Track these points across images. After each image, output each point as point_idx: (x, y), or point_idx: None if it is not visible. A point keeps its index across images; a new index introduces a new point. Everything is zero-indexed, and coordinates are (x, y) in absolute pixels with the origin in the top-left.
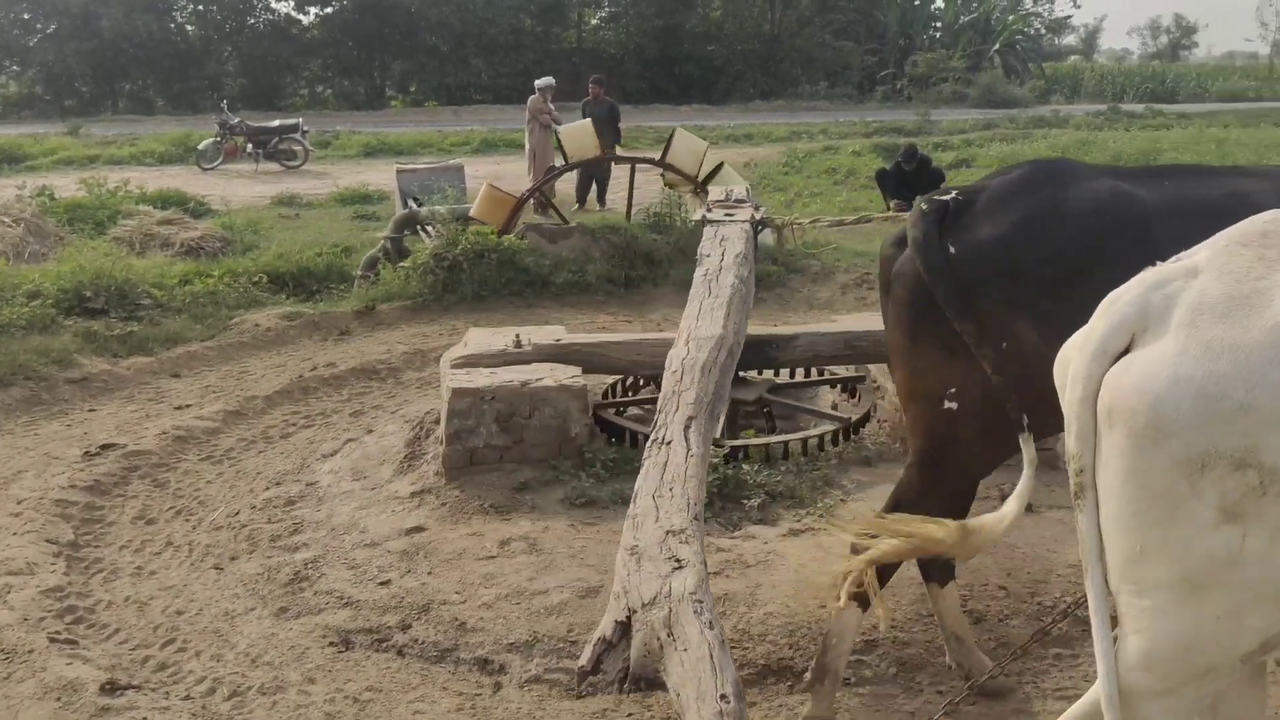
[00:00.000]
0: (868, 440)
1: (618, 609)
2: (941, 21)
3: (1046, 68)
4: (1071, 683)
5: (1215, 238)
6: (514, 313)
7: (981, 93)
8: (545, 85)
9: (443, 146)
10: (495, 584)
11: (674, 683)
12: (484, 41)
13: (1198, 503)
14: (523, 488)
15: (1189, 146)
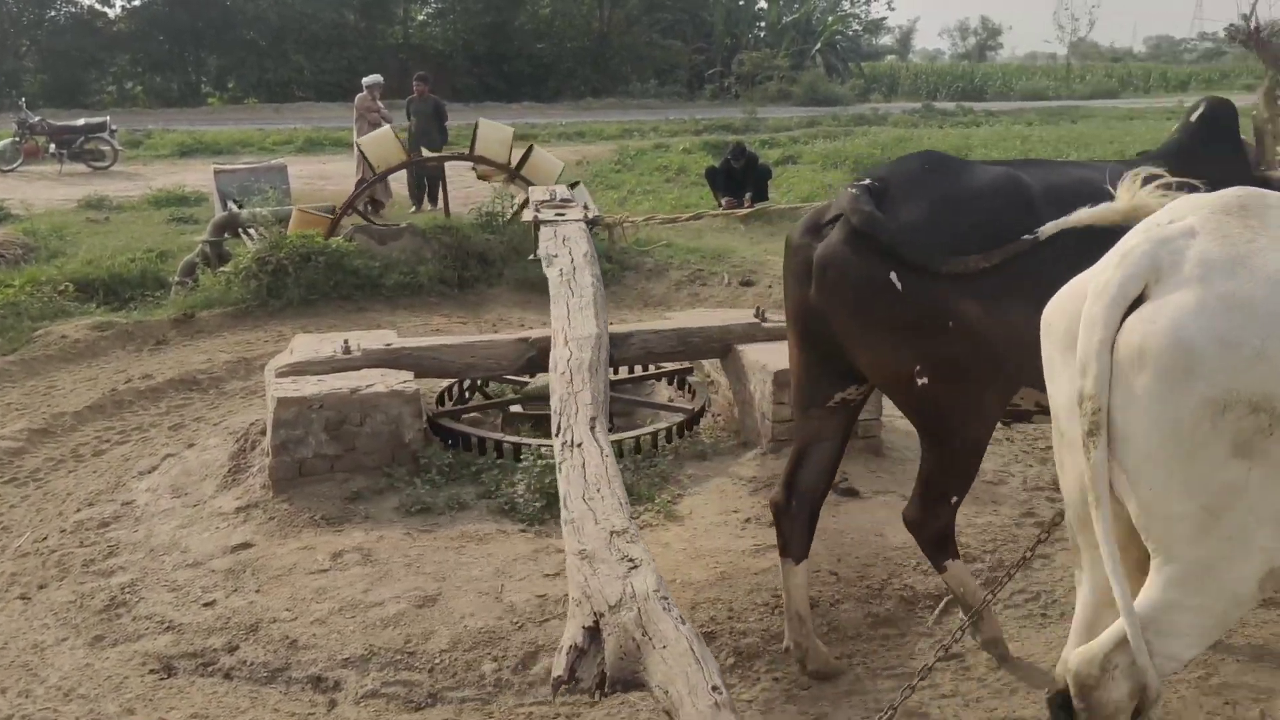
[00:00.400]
0: (703, 435)
1: (582, 615)
2: (765, 21)
3: (865, 67)
4: (899, 661)
5: (1191, 206)
6: (344, 317)
7: (805, 91)
8: (373, 83)
9: (264, 145)
10: (328, 598)
11: (659, 680)
12: (305, 37)
13: (1216, 440)
14: (355, 497)
15: (996, 143)
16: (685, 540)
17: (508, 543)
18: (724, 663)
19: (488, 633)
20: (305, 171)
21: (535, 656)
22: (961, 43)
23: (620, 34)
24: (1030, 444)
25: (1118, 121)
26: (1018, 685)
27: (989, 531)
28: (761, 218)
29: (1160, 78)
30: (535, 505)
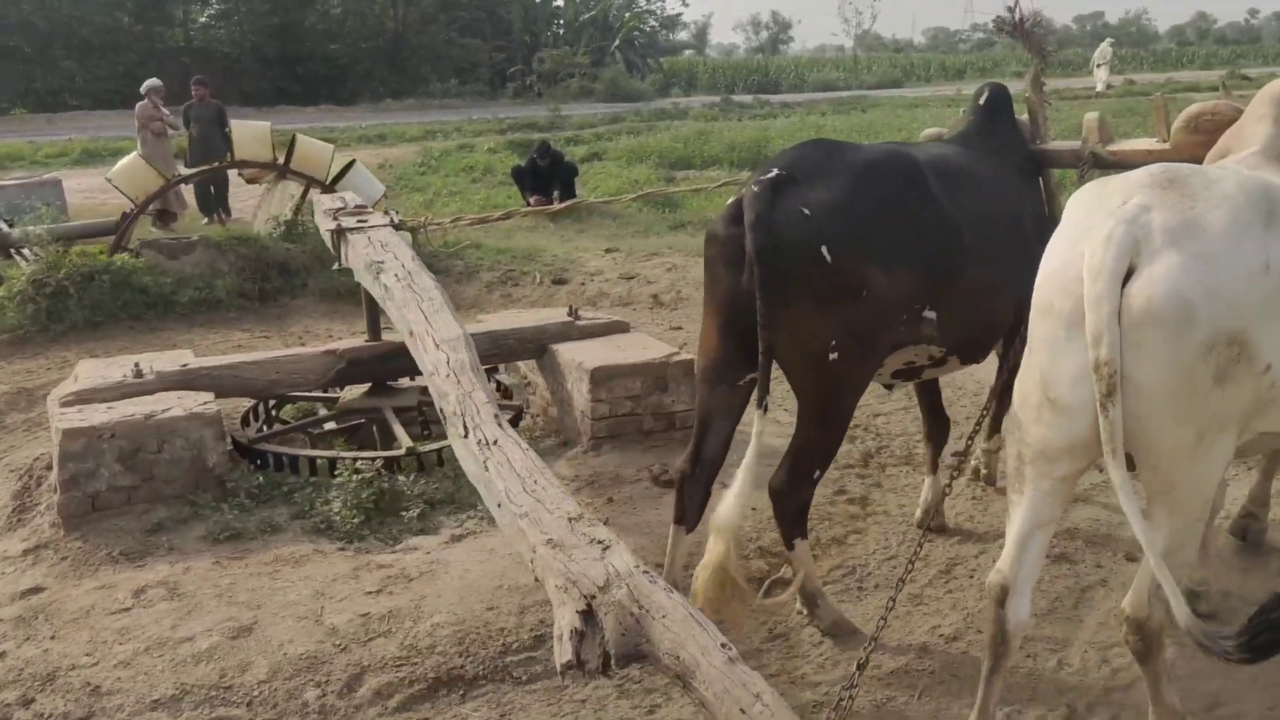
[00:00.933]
0: (522, 436)
1: (572, 600)
2: (563, 19)
3: (665, 62)
4: (794, 666)
5: (1131, 186)
6: (135, 338)
7: (607, 88)
8: (152, 88)
9: (36, 159)
10: (132, 638)
11: (668, 648)
12: (76, 42)
13: (1206, 373)
14: (157, 529)
15: (794, 134)
16: (509, 544)
17: (325, 563)
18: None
19: (309, 658)
20: (84, 185)
21: (360, 678)
22: (755, 37)
23: (416, 33)
24: None
25: (904, 110)
26: (839, 660)
27: None
28: (571, 215)
29: (939, 67)
30: (353, 522)
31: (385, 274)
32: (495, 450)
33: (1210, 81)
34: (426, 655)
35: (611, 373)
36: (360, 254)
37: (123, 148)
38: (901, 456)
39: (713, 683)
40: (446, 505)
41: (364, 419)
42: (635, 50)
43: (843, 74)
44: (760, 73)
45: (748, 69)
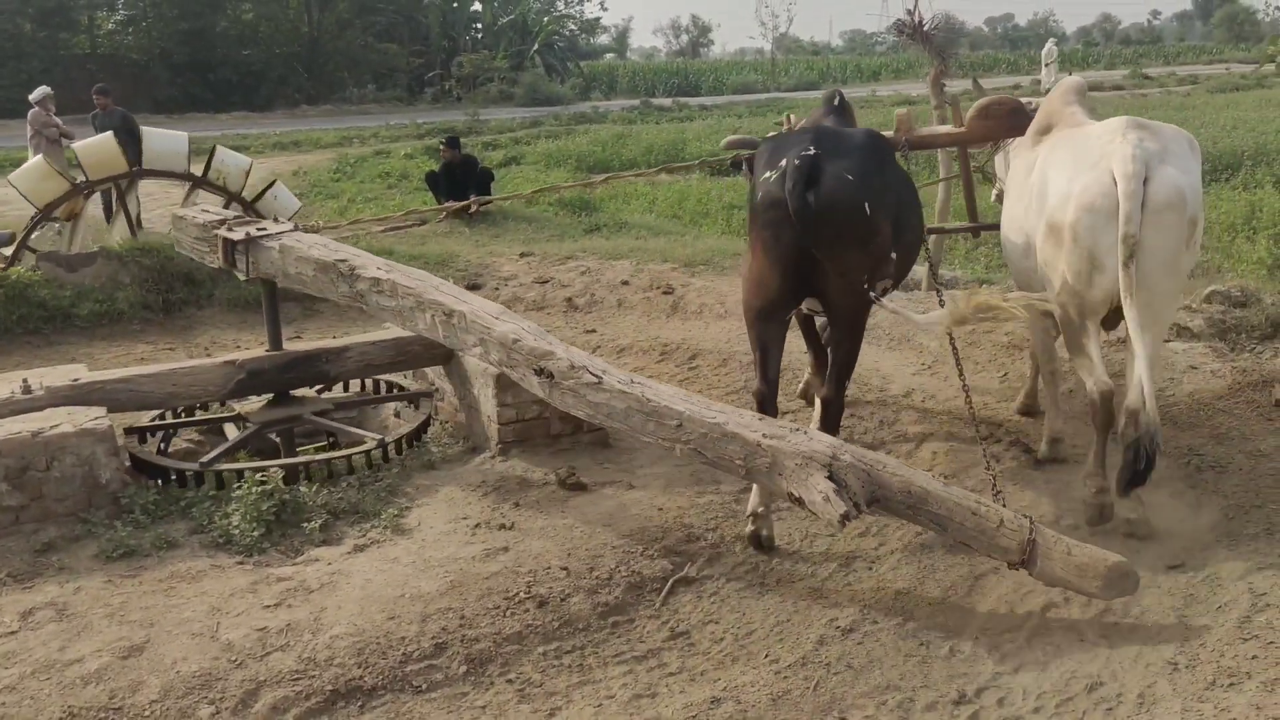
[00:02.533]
0: (431, 444)
1: (816, 469)
2: (481, 23)
3: (585, 66)
4: (629, 646)
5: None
6: (33, 353)
7: (526, 92)
8: (42, 96)
9: None
10: (17, 662)
11: (898, 487)
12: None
13: (1186, 242)
14: (47, 549)
15: (710, 136)
16: (414, 553)
17: (223, 578)
18: (455, 673)
19: (203, 675)
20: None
21: (256, 694)
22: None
23: (332, 38)
24: None
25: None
26: (738, 655)
27: (711, 510)
28: (485, 219)
29: (855, 69)
30: (253, 535)
31: (364, 270)
32: (644, 384)
33: (1114, 80)
34: (325, 668)
35: None
36: (304, 258)
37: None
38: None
39: (943, 501)
40: (350, 515)
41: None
42: (555, 54)
43: (761, 77)
44: (680, 76)
45: (668, 72)
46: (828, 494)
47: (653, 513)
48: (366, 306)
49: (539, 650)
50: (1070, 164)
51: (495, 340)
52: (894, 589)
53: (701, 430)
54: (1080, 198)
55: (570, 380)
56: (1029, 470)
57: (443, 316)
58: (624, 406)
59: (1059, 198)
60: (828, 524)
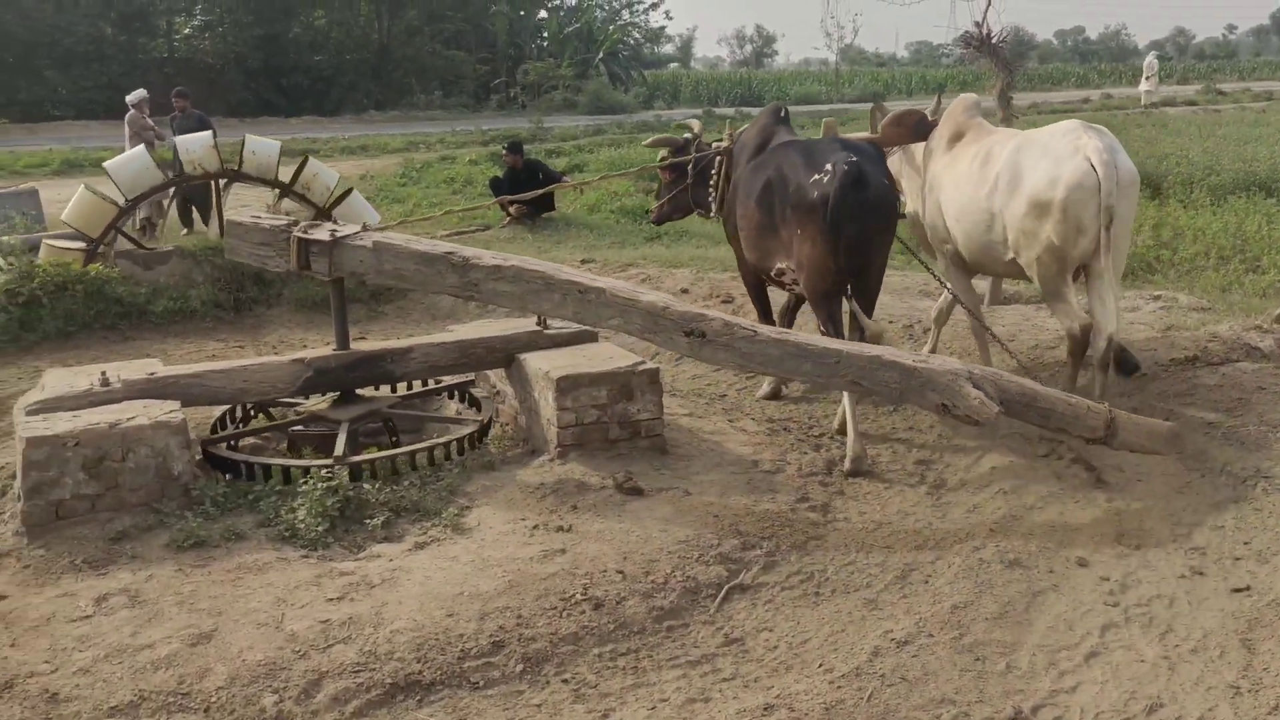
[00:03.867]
0: (491, 446)
1: (963, 380)
2: (547, 32)
3: (648, 75)
4: (683, 650)
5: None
6: (108, 348)
7: (590, 100)
8: (139, 99)
9: (16, 169)
10: (91, 646)
11: (1016, 390)
12: (59, 52)
13: (1134, 207)
14: (121, 537)
15: None
16: (473, 552)
17: (288, 570)
18: (511, 671)
19: (268, 664)
20: (63, 195)
21: (318, 684)
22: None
23: (401, 45)
24: (805, 433)
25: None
26: (792, 663)
27: (767, 518)
28: (548, 226)
29: (921, 81)
30: (317, 529)
31: (480, 259)
32: (795, 334)
33: (1186, 96)
34: (385, 661)
35: (577, 381)
36: (404, 253)
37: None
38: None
39: (1047, 397)
40: (411, 513)
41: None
42: (619, 63)
43: (825, 87)
44: (743, 86)
45: (731, 82)
46: (980, 398)
47: (708, 519)
48: (479, 295)
49: (594, 651)
50: (1046, 156)
51: (641, 310)
52: (950, 603)
53: (860, 364)
54: (1069, 180)
55: (724, 337)
56: None
57: (577, 294)
58: (779, 353)
59: (1046, 181)
60: (985, 420)
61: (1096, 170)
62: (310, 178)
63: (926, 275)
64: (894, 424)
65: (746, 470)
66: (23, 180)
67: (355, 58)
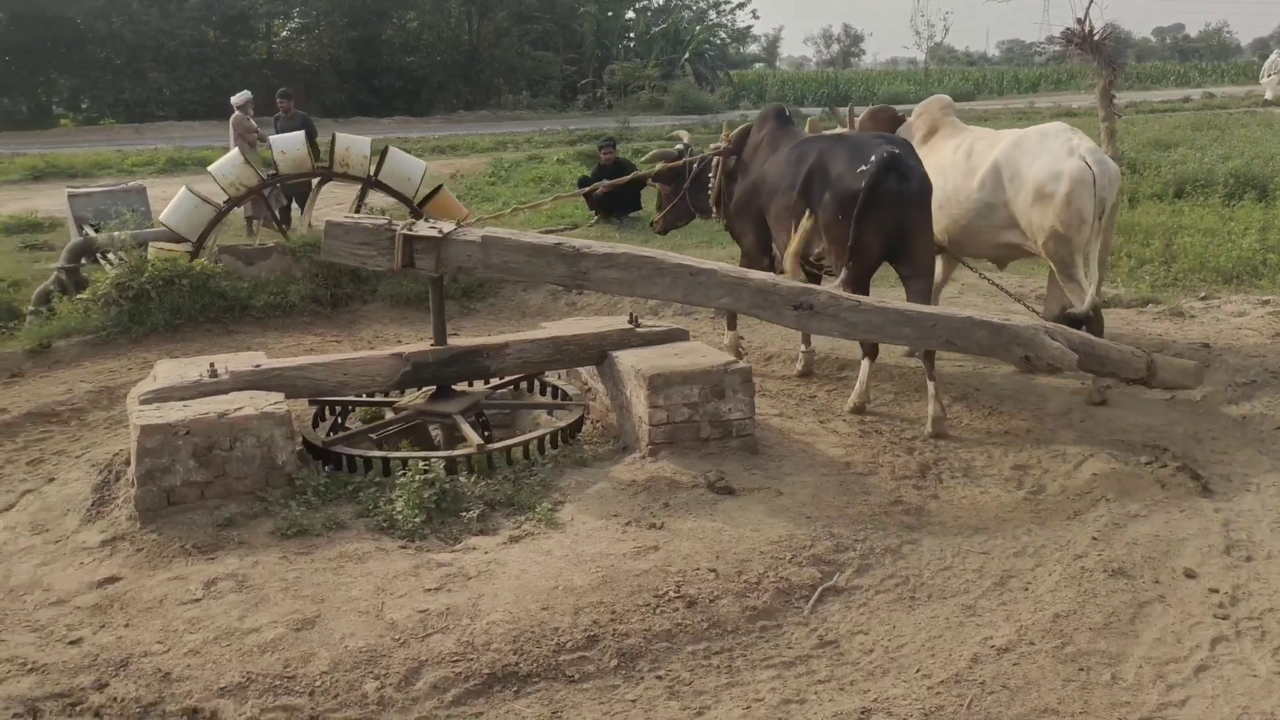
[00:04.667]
0: (583, 442)
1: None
2: (634, 32)
3: (734, 75)
4: (777, 651)
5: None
6: (212, 340)
7: (676, 99)
8: (244, 101)
9: (123, 167)
10: (201, 628)
11: (1079, 338)
12: (163, 54)
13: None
14: (228, 524)
15: None
16: (567, 546)
17: (387, 560)
18: (606, 666)
19: (369, 651)
20: (168, 193)
21: (418, 672)
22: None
23: (490, 46)
24: (898, 435)
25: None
26: (889, 667)
27: (860, 521)
28: (637, 224)
29: (1013, 80)
30: (415, 520)
31: (590, 248)
32: (893, 302)
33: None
34: (482, 651)
35: (669, 379)
36: (514, 246)
37: (206, 157)
38: (959, 469)
39: (1103, 346)
40: (506, 507)
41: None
42: (705, 63)
43: (913, 87)
44: (830, 85)
45: (817, 82)
46: (1060, 348)
47: (801, 520)
48: (588, 283)
49: (688, 649)
50: (1045, 154)
51: (752, 287)
52: (1052, 611)
53: (954, 324)
54: (1071, 175)
55: (831, 308)
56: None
57: (688, 276)
58: (882, 320)
59: (1048, 175)
60: (1066, 367)
61: (1091, 167)
62: (344, 151)
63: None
64: (989, 427)
65: (839, 472)
66: (130, 178)
67: (446, 59)
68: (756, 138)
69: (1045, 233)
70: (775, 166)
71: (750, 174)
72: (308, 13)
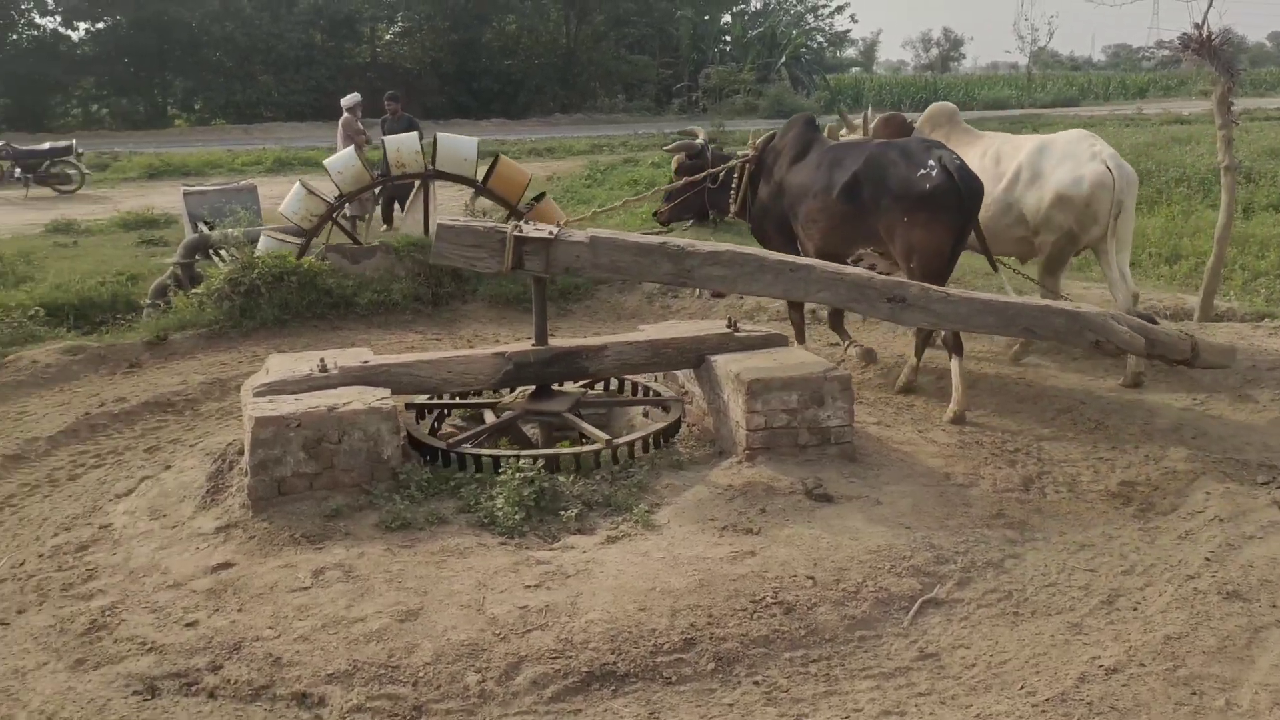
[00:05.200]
0: (679, 445)
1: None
2: (731, 36)
3: (830, 79)
4: (876, 661)
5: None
6: (318, 336)
7: (770, 104)
8: (354, 103)
9: (233, 166)
10: (310, 615)
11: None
12: (272, 57)
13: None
14: (335, 515)
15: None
16: (663, 549)
17: (488, 556)
18: (703, 669)
19: (470, 644)
20: (276, 192)
21: (518, 667)
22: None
23: (588, 50)
24: (1000, 446)
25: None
26: (991, 683)
27: (961, 533)
28: (733, 227)
29: (1119, 85)
30: (515, 518)
31: (695, 246)
32: (978, 293)
33: None
34: (580, 650)
35: (768, 385)
36: (622, 246)
37: (311, 157)
38: (1064, 483)
39: (1157, 331)
40: (603, 507)
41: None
42: (801, 67)
43: (1015, 92)
44: (928, 90)
45: (915, 86)
46: (1129, 332)
47: (900, 530)
48: (691, 280)
49: (785, 656)
50: (1067, 160)
51: (848, 282)
52: (1163, 633)
53: (1033, 313)
54: (1092, 179)
55: (922, 300)
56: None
57: (788, 272)
58: (968, 310)
59: (1071, 180)
60: (1134, 351)
61: (1112, 172)
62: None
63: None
64: (1095, 441)
65: (939, 483)
66: (240, 177)
67: (543, 62)
68: (781, 144)
69: (1056, 232)
70: (805, 171)
71: (775, 179)
72: (411, 16)
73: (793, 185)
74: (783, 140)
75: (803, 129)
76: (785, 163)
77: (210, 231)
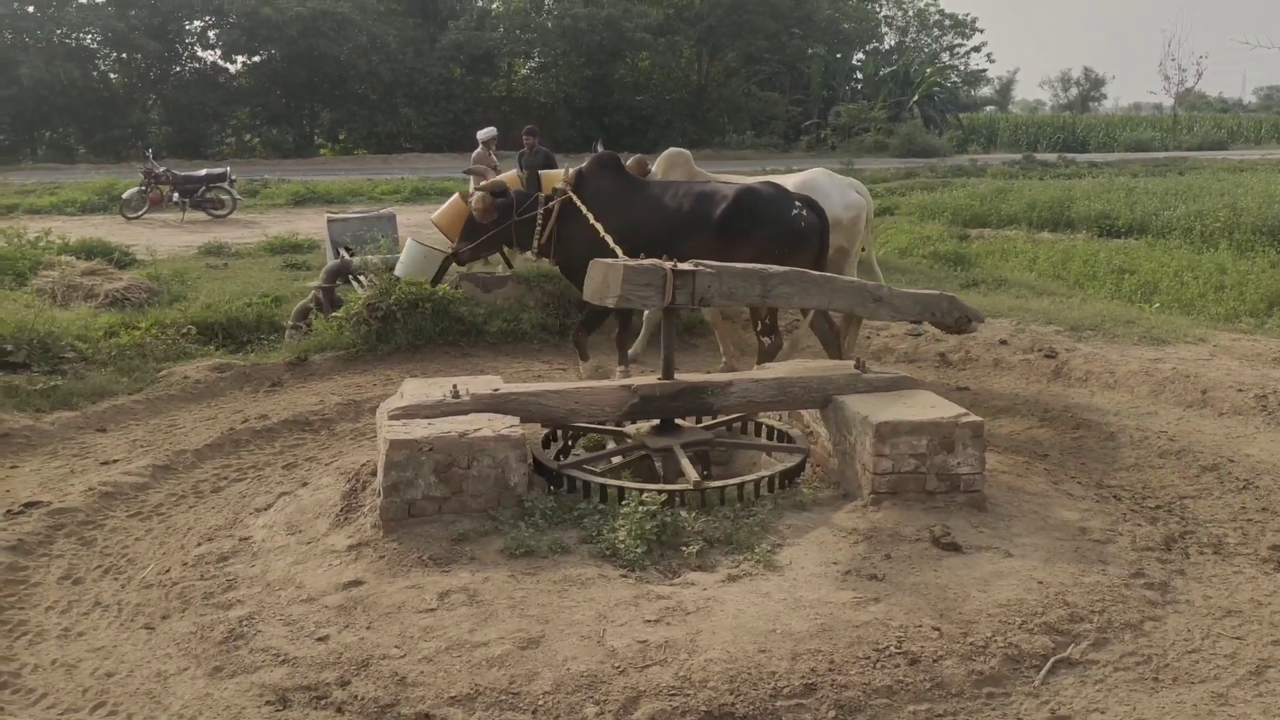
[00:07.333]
0: (803, 485)
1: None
2: (862, 74)
3: (963, 118)
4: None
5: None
6: (449, 362)
7: (901, 142)
8: (489, 137)
9: (373, 195)
10: (435, 637)
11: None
12: (414, 91)
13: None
14: (462, 539)
15: (1099, 194)
16: (785, 590)
17: (609, 587)
18: (824, 714)
19: (590, 676)
20: (412, 220)
21: (636, 702)
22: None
23: (718, 86)
24: (1139, 503)
25: (1227, 174)
26: None
27: (1097, 591)
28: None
29: (1272, 128)
30: (636, 551)
31: (772, 270)
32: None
33: None
34: (699, 688)
35: (897, 429)
36: (734, 274)
37: (446, 188)
38: (1209, 544)
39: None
40: (724, 545)
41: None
42: (934, 105)
43: (1159, 134)
44: (1066, 130)
45: (1053, 126)
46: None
47: (1032, 585)
48: (769, 298)
49: (909, 709)
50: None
51: (857, 289)
52: None
53: (934, 300)
54: (857, 206)
55: (887, 297)
56: None
57: (826, 284)
58: (909, 303)
59: (843, 206)
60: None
61: (866, 200)
62: None
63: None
64: (1244, 502)
65: (1074, 537)
66: (380, 205)
67: (674, 97)
68: (598, 184)
69: (833, 249)
70: (642, 207)
71: (600, 215)
72: (547, 52)
73: (627, 223)
74: (595, 180)
75: (613, 169)
76: (604, 201)
77: (351, 258)
